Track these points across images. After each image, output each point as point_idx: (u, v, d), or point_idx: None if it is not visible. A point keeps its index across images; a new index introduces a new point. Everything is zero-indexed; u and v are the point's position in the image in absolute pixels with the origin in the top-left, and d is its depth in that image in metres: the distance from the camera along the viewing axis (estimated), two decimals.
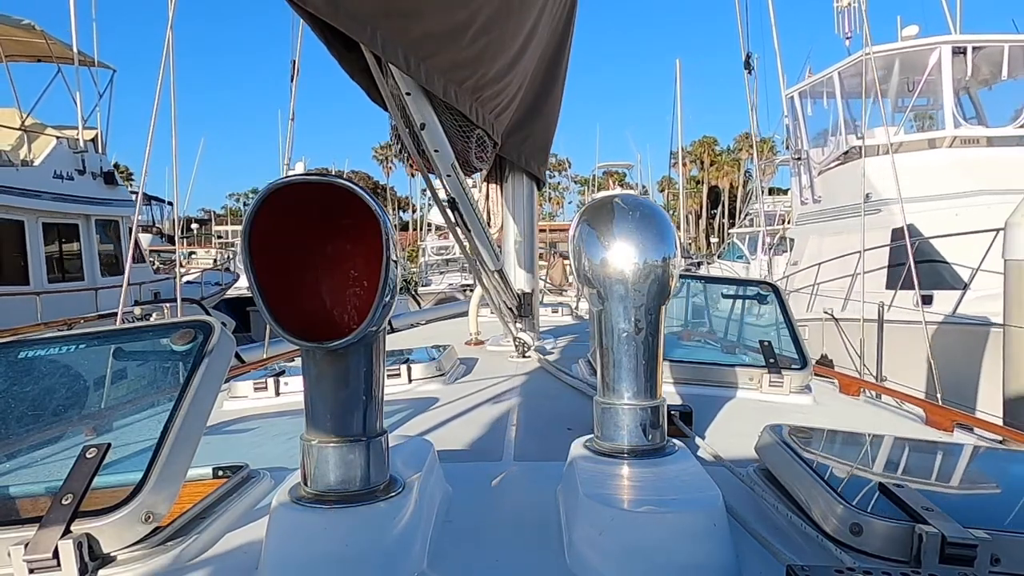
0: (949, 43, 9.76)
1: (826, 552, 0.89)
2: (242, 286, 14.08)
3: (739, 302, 2.57)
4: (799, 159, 12.55)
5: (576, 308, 5.00)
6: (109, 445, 0.95)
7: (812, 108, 12.18)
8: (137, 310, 6.82)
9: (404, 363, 2.14)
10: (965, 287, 6.54)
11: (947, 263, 6.68)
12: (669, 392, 1.11)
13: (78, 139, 11.50)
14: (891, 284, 7.75)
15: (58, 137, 11.15)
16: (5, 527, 0.87)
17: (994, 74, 10.46)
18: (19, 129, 10.48)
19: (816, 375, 2.24)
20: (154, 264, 16.14)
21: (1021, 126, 9.61)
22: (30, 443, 1.18)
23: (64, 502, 0.87)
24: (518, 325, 2.67)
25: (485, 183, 2.84)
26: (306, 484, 0.91)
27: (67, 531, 0.84)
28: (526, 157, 2.76)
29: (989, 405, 5.28)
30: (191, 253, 34.70)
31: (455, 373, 2.27)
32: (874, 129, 10.07)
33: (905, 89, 10.78)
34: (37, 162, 10.63)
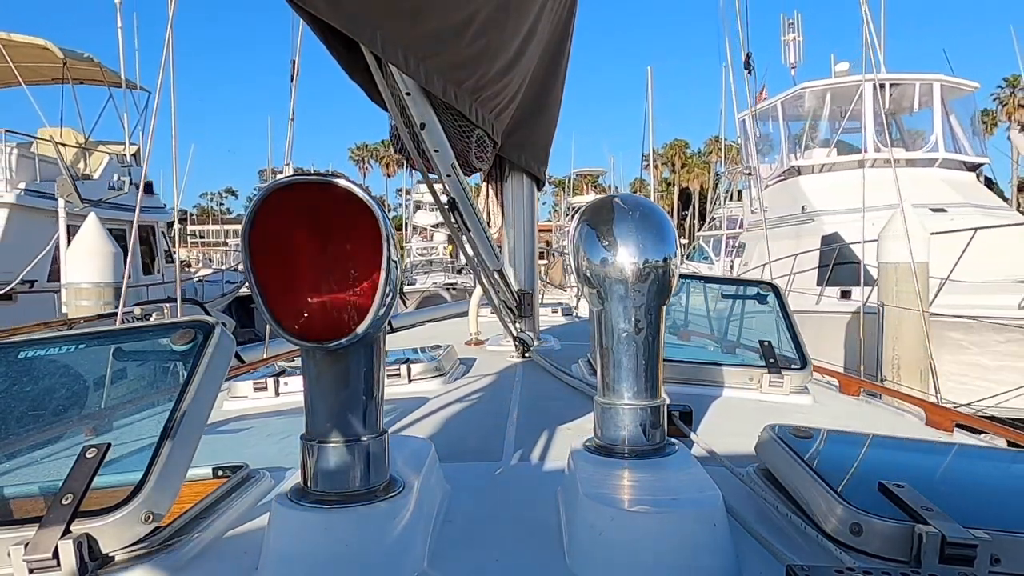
0: (870, 80, 11.35)
1: (826, 552, 0.89)
2: None
3: (739, 302, 2.57)
4: (749, 174, 14.63)
5: (576, 308, 5.00)
6: (109, 445, 0.95)
7: (760, 130, 14.57)
8: (137, 310, 6.82)
9: (404, 363, 2.14)
10: (874, 283, 7.70)
11: (860, 263, 7.90)
12: (669, 392, 1.11)
13: (124, 154, 13.22)
14: (819, 281, 9.87)
15: (109, 153, 12.82)
16: (5, 527, 0.87)
17: (908, 106, 12.90)
18: (78, 147, 12.21)
19: (816, 375, 2.24)
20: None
21: (930, 150, 11.93)
22: (30, 443, 1.18)
23: (64, 502, 0.87)
24: (518, 325, 2.67)
25: (485, 183, 2.84)
26: (306, 484, 0.91)
27: (67, 531, 0.84)
28: (526, 157, 2.75)
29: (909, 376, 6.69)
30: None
31: (455, 373, 2.27)
32: (810, 151, 12.64)
33: (839, 116, 12.86)
34: (96, 175, 12.25)
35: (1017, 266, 5.93)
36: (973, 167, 12.26)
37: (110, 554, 0.88)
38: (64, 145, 11.58)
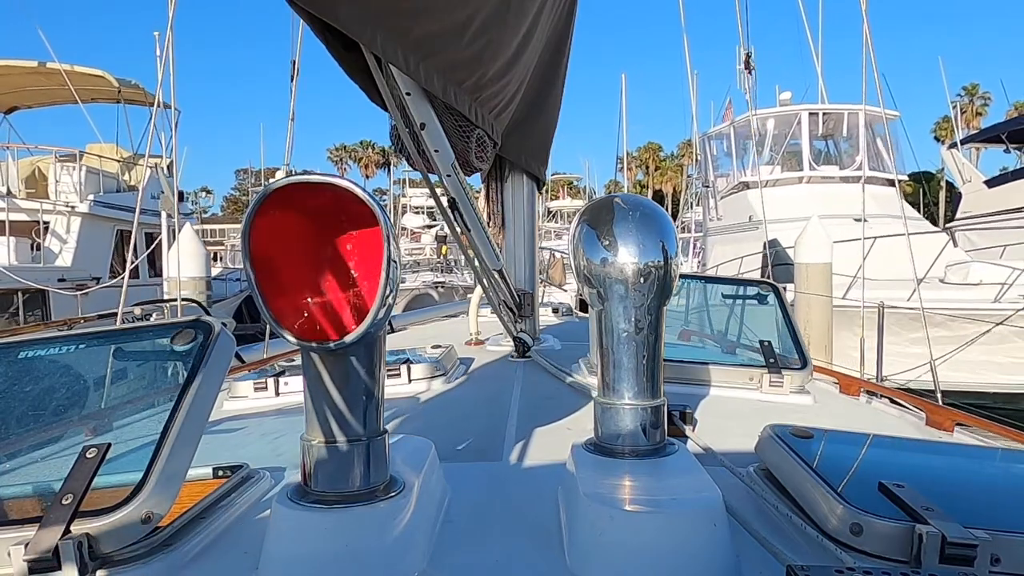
0: (806, 110, 14.88)
1: (826, 552, 0.89)
2: None
3: (739, 302, 2.57)
4: (707, 187, 17.21)
5: (576, 308, 5.00)
6: (109, 445, 0.95)
7: (717, 148, 17.63)
8: (137, 310, 6.85)
9: (404, 363, 2.14)
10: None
11: (793, 264, 9.66)
12: (669, 392, 1.11)
13: (162, 166, 15.24)
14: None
15: (149, 167, 14.76)
16: (5, 527, 0.87)
17: (839, 131, 15.52)
18: (119, 160, 14.34)
19: (816, 375, 2.24)
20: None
21: (856, 169, 13.99)
22: (30, 443, 1.17)
23: (64, 502, 0.87)
24: (518, 325, 2.67)
25: (485, 183, 2.84)
26: (306, 484, 0.91)
27: (67, 531, 0.84)
28: (526, 157, 2.75)
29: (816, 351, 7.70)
30: None
31: (455, 373, 2.27)
32: (758, 168, 14.73)
33: (782, 138, 15.49)
34: (140, 186, 13.03)
35: (915, 266, 7.18)
36: (892, 182, 14.23)
37: (110, 554, 0.88)
38: (104, 158, 13.79)
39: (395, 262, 0.82)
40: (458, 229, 2.21)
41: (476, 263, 2.41)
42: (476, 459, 1.44)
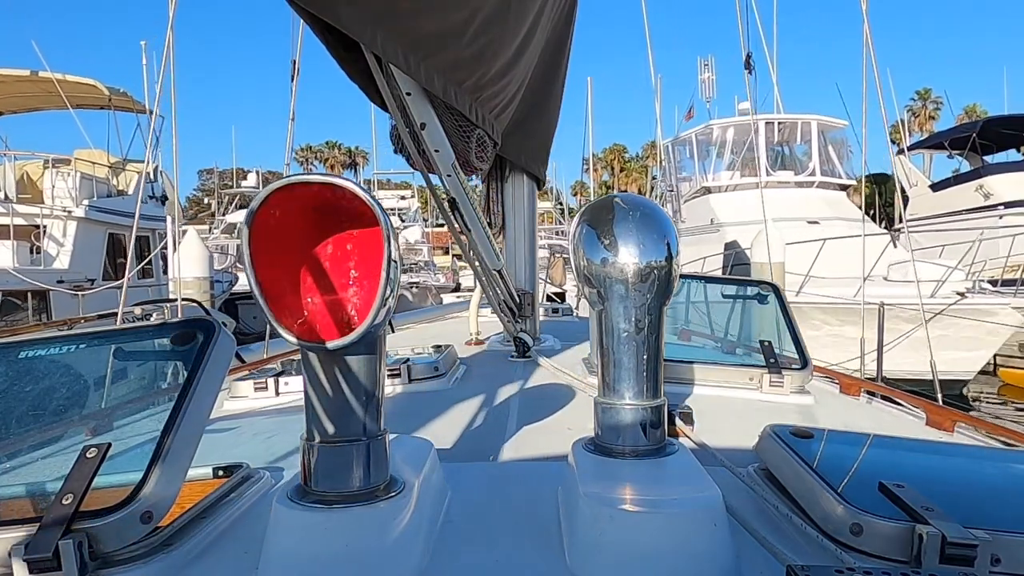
0: (763, 119, 16.10)
1: (826, 552, 0.89)
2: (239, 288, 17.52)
3: (739, 302, 2.57)
4: (671, 191, 18.48)
5: (576, 308, 5.00)
6: (109, 445, 0.95)
7: (680, 155, 19.35)
8: (137, 310, 6.88)
9: (404, 363, 2.14)
10: None
11: (750, 263, 10.95)
12: (669, 392, 1.11)
13: (148, 172, 16.14)
14: None
15: (138, 172, 15.16)
16: (5, 527, 0.87)
17: (793, 139, 17.12)
18: (108, 165, 14.89)
19: (816, 375, 2.24)
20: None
21: (810, 175, 15.90)
22: (30, 443, 1.18)
23: (64, 502, 0.87)
24: (518, 325, 2.67)
25: (485, 183, 2.84)
26: (306, 484, 0.91)
27: (67, 531, 0.84)
28: (526, 157, 2.75)
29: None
30: None
31: (455, 373, 2.27)
32: (718, 173, 16.78)
33: (741, 146, 16.85)
34: (130, 191, 14.97)
35: (861, 265, 8.29)
36: (843, 187, 16.32)
37: (110, 554, 0.88)
38: (95, 163, 14.48)
39: (395, 262, 0.82)
40: (458, 229, 2.21)
41: (476, 263, 2.41)
42: (476, 459, 1.44)
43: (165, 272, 15.14)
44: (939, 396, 4.73)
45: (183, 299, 6.44)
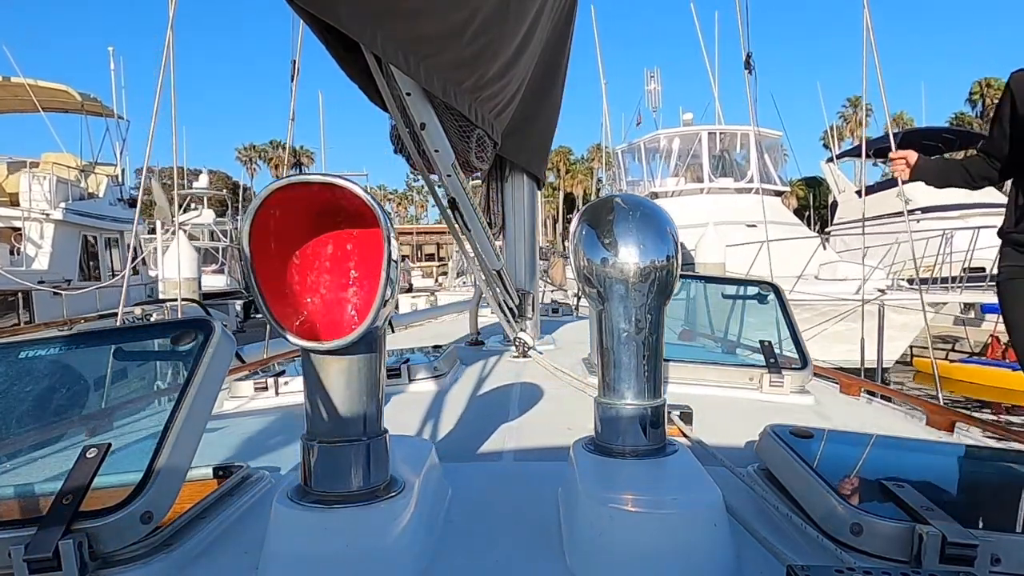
0: (706, 130, 18.41)
1: (826, 552, 0.89)
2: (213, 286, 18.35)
3: (739, 302, 2.57)
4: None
5: (576, 308, 5.00)
6: (109, 445, 0.95)
7: (628, 161, 21.12)
8: (137, 310, 6.90)
9: (404, 363, 2.14)
10: None
11: (694, 264, 12.31)
12: (669, 392, 1.11)
13: (116, 175, 16.76)
14: None
15: (107, 175, 16.16)
16: (5, 527, 0.87)
17: (733, 148, 18.97)
18: (77, 168, 15.18)
19: (816, 375, 2.24)
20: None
21: (749, 181, 17.52)
22: (30, 443, 1.18)
23: (64, 502, 0.87)
24: (518, 325, 2.67)
25: (485, 183, 2.84)
26: (306, 484, 0.91)
27: (67, 531, 0.84)
28: (526, 157, 2.75)
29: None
30: None
31: (455, 373, 2.27)
32: (665, 179, 18.46)
33: (686, 153, 18.68)
34: (100, 194, 15.65)
35: (796, 266, 10.04)
36: (778, 193, 18.33)
37: (110, 554, 0.88)
38: (66, 166, 14.88)
39: (395, 262, 0.82)
40: (458, 229, 2.21)
41: (476, 263, 2.41)
42: (476, 459, 1.44)
43: (136, 273, 15.40)
44: (939, 397, 4.74)
45: (184, 299, 6.44)
